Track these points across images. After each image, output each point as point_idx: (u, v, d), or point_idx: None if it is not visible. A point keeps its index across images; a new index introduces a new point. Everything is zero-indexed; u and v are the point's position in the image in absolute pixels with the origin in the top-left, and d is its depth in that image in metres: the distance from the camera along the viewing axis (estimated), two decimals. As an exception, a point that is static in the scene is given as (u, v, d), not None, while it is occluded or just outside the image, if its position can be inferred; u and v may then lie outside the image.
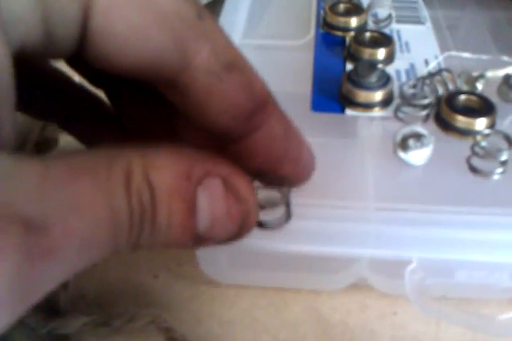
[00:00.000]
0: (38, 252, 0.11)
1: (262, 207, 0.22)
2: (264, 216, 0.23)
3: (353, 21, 0.34)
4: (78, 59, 0.14)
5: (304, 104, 0.29)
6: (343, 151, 0.26)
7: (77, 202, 0.12)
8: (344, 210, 0.23)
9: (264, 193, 0.22)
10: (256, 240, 0.23)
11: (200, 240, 0.15)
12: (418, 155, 0.25)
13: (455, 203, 0.23)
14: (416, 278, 0.22)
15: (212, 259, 0.27)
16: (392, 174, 0.25)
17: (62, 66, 0.18)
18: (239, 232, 0.15)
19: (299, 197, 0.24)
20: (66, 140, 0.35)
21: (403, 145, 0.25)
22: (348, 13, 0.35)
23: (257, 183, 0.22)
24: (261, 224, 0.23)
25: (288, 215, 0.23)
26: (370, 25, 0.35)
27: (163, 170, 0.13)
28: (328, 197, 0.24)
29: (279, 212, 0.23)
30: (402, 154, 0.25)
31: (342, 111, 0.28)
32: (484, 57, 0.31)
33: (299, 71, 0.32)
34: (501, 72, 0.29)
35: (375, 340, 0.26)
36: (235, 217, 0.15)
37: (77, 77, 0.19)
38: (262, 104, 0.17)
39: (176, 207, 0.14)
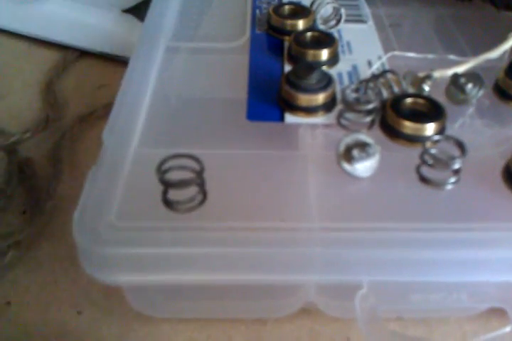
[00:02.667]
0: None
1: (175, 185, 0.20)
2: (176, 196, 0.20)
3: (300, 23, 0.32)
4: None
5: (240, 112, 0.26)
6: (282, 164, 0.24)
7: None
8: (285, 232, 0.20)
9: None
10: (189, 272, 0.20)
11: None
12: (364, 167, 0.22)
13: (406, 219, 0.21)
14: (367, 306, 0.20)
15: (141, 293, 0.23)
16: (337, 189, 0.22)
17: None
18: None
19: (234, 219, 0.21)
20: None
21: (347, 156, 0.22)
22: (294, 15, 0.32)
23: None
24: (172, 205, 0.20)
25: (203, 196, 0.21)
26: (319, 27, 0.33)
27: None
28: (266, 218, 0.21)
29: (192, 192, 0.21)
30: (346, 166, 0.22)
31: (281, 118, 0.26)
32: (430, 56, 0.29)
33: (234, 76, 0.29)
34: (449, 72, 0.27)
35: (328, 371, 0.24)
36: None
37: None
38: None
39: None
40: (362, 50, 0.31)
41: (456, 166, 0.22)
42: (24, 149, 0.33)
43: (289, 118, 0.26)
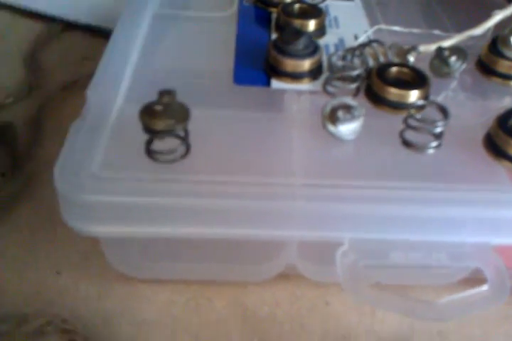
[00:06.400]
0: None
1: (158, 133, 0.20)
2: (159, 146, 0.20)
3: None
4: None
5: (227, 76, 0.26)
6: (267, 126, 0.24)
7: None
8: (267, 187, 0.20)
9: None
10: (169, 223, 0.20)
11: None
12: (348, 129, 0.22)
13: (388, 178, 0.21)
14: (348, 261, 0.20)
15: (121, 251, 0.23)
16: (321, 149, 0.23)
17: None
18: None
19: (218, 173, 0.21)
20: None
21: (332, 117, 0.23)
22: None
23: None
24: (154, 155, 0.20)
25: (186, 149, 0.21)
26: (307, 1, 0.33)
27: None
28: (249, 174, 0.21)
29: (175, 143, 0.20)
30: (331, 128, 0.23)
31: (268, 83, 0.26)
32: (415, 31, 0.29)
33: (221, 43, 0.29)
34: (433, 47, 0.28)
35: (306, 336, 0.24)
36: None
37: None
38: None
39: None
40: (349, 25, 0.31)
41: (439, 130, 0.22)
42: (6, 115, 0.33)
43: (275, 83, 0.26)
